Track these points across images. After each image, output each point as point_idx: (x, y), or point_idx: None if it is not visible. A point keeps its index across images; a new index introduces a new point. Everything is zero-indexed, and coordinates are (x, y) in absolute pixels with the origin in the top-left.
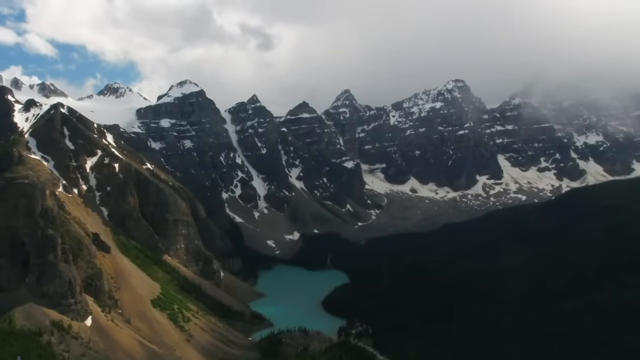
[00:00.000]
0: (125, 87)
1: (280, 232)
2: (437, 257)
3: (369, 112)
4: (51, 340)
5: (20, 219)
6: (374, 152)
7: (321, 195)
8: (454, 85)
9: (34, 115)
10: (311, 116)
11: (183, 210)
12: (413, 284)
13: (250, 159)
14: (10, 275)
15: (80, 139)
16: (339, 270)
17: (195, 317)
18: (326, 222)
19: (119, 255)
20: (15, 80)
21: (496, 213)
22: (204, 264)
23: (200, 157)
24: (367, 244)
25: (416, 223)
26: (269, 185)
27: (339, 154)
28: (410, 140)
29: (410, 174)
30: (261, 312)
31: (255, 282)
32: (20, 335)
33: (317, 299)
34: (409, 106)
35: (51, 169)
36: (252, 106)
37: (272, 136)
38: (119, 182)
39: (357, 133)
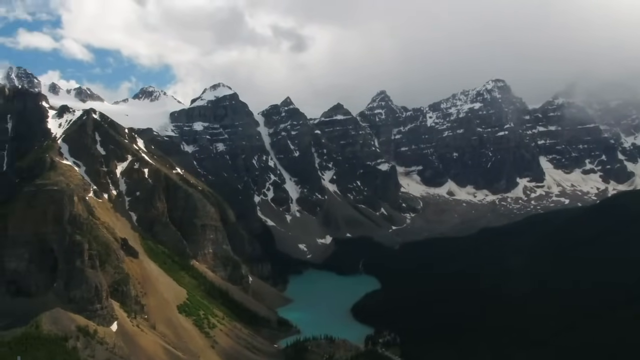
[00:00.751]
0: (159, 91)
1: (312, 236)
2: (472, 263)
3: (405, 113)
4: (77, 345)
5: (49, 225)
6: (410, 154)
7: (354, 198)
8: (493, 85)
9: (67, 121)
10: (346, 118)
11: (211, 215)
12: (446, 291)
13: (283, 161)
14: (38, 281)
15: (111, 145)
16: (370, 276)
17: (221, 323)
18: (359, 225)
19: (147, 260)
20: (53, 85)
21: (537, 217)
22: (232, 269)
23: (232, 160)
24: (401, 249)
25: (452, 227)
26: (302, 189)
27: (374, 156)
28: (448, 141)
29: (448, 176)
30: (288, 318)
31: (285, 287)
32: (46, 340)
33: (347, 306)
34: (447, 107)
35: (82, 175)
36: (286, 108)
37: (305, 138)
38: (148, 187)
39: (392, 135)
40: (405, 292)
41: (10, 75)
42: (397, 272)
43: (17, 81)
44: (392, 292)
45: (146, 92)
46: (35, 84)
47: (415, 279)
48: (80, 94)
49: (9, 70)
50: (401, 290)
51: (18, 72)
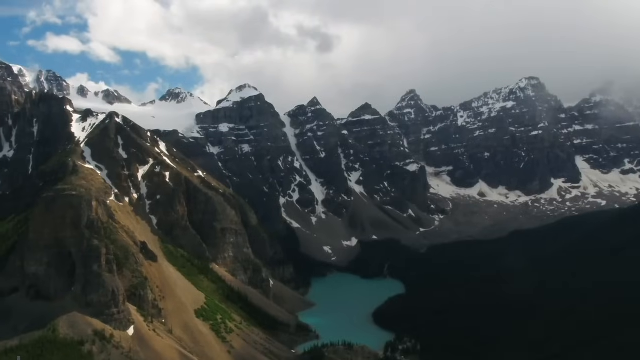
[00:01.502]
0: (186, 93)
1: (337, 238)
2: (502, 268)
3: (435, 113)
4: (92, 349)
5: (68, 230)
6: (440, 154)
7: (381, 200)
8: (527, 83)
9: (90, 125)
10: (374, 118)
11: (232, 219)
12: (472, 297)
13: (309, 162)
14: (57, 285)
15: (133, 148)
16: (395, 280)
17: (239, 327)
18: (386, 228)
19: (166, 264)
20: (81, 87)
21: (571, 219)
22: (253, 272)
23: (258, 162)
24: (428, 252)
25: (483, 230)
26: (328, 190)
27: (402, 156)
28: (479, 141)
29: (479, 177)
30: (309, 322)
31: (307, 290)
32: (62, 344)
33: (369, 311)
34: (478, 106)
35: (104, 178)
36: (312, 109)
37: (331, 139)
38: (168, 191)
39: (422, 134)
40: (430, 297)
41: (40, 79)
42: (422, 277)
43: (47, 84)
44: (416, 297)
45: (173, 94)
46: (64, 86)
47: (440, 284)
48: (108, 97)
49: (39, 73)
50: (425, 295)
51: (47, 75)
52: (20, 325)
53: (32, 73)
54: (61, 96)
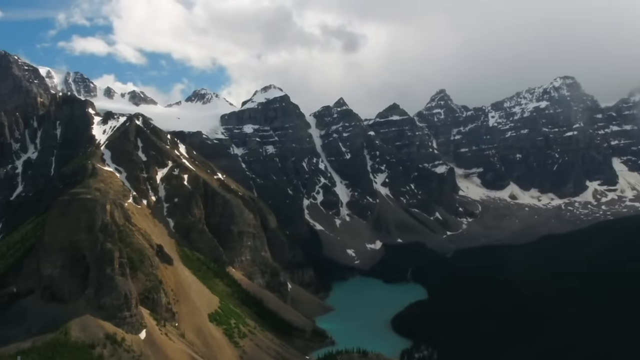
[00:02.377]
0: (211, 93)
1: (361, 241)
2: (530, 273)
3: (465, 113)
4: (103, 352)
5: (82, 233)
6: (470, 156)
7: (408, 202)
8: (562, 83)
9: (111, 128)
10: (402, 118)
11: (249, 222)
12: (497, 304)
13: (334, 164)
14: (71, 287)
15: (152, 150)
16: (418, 284)
17: (252, 332)
18: (411, 231)
19: (181, 267)
20: (108, 89)
21: (605, 224)
22: (270, 276)
23: (282, 163)
24: (454, 256)
25: (512, 233)
26: (353, 192)
27: (431, 157)
28: (511, 142)
29: (510, 179)
30: (326, 328)
31: (327, 294)
32: (73, 347)
33: (388, 316)
34: (510, 106)
35: (123, 181)
36: (338, 109)
37: (357, 140)
38: (186, 194)
39: (452, 135)
40: (452, 303)
41: (68, 81)
42: (446, 282)
43: (74, 86)
44: (437, 303)
45: (198, 95)
46: (91, 88)
47: (464, 290)
48: (134, 98)
49: (67, 75)
50: (448, 301)
51: (75, 77)
52: (33, 327)
53: (60, 75)
54: (87, 98)
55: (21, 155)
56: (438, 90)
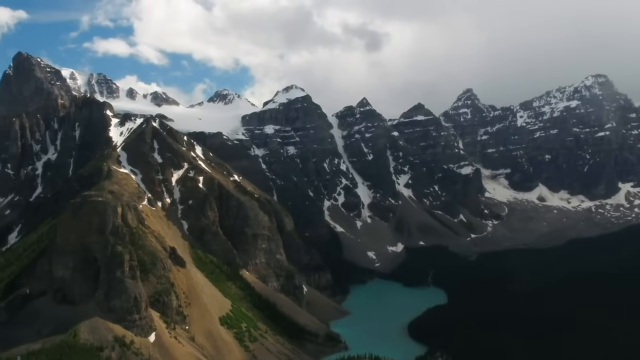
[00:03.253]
0: (233, 94)
1: (382, 243)
2: (554, 279)
3: (493, 113)
4: (111, 355)
5: (93, 235)
6: (498, 156)
7: (431, 204)
8: (593, 81)
9: (128, 129)
10: (427, 118)
11: (264, 224)
12: (519, 311)
13: (356, 165)
14: (82, 290)
15: (168, 152)
16: (439, 288)
17: (263, 336)
18: (434, 233)
19: (194, 270)
20: (130, 90)
21: (637, 227)
22: (285, 279)
23: (303, 164)
24: (478, 260)
25: (539, 237)
26: (374, 193)
27: (456, 158)
28: (540, 143)
29: (539, 180)
30: (340, 332)
31: (345, 297)
32: (81, 349)
33: (404, 321)
34: (540, 105)
35: (138, 182)
36: (361, 110)
37: (380, 141)
38: (200, 196)
39: (479, 135)
40: (472, 309)
41: (91, 82)
42: (468, 286)
43: (97, 87)
44: (457, 309)
45: (220, 95)
46: (114, 89)
47: (486, 295)
48: (156, 99)
49: (90, 76)
50: (468, 306)
51: (98, 78)
52: (44, 329)
53: (83, 76)
54: (110, 99)
55: (41, 157)
56: (465, 90)
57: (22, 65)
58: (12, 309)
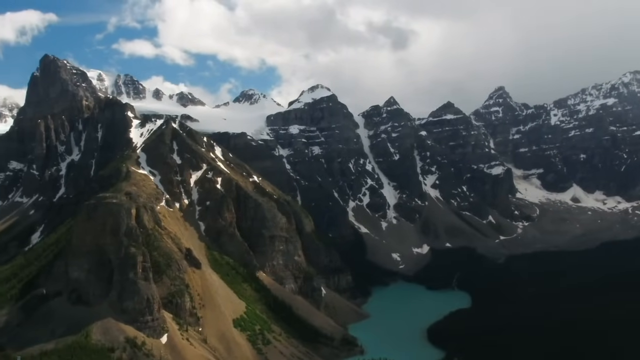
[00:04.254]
0: (259, 94)
1: (407, 245)
2: (586, 283)
3: (525, 111)
4: (122, 356)
5: (107, 237)
6: (530, 156)
7: (458, 205)
8: (632, 78)
9: (148, 131)
10: (456, 117)
11: (282, 226)
12: (545, 316)
13: (382, 165)
14: (96, 291)
15: (187, 153)
16: (463, 292)
17: (277, 339)
18: (461, 234)
19: (209, 271)
20: (156, 91)
21: None
22: (304, 281)
23: (328, 164)
24: (506, 262)
25: (572, 239)
26: (400, 194)
27: (487, 158)
28: (575, 142)
29: (573, 180)
30: (357, 336)
31: (365, 300)
32: (93, 350)
33: (424, 325)
34: (575, 103)
35: (157, 184)
36: (388, 109)
37: (407, 141)
38: (217, 197)
39: (510, 134)
40: (496, 313)
41: (118, 83)
42: (494, 290)
43: (124, 88)
44: (480, 313)
45: (246, 95)
46: (141, 90)
47: (512, 299)
48: (182, 99)
49: (117, 78)
50: (492, 311)
51: (125, 79)
52: (58, 329)
53: (110, 77)
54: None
55: (66, 158)
56: (497, 88)
57: (49, 67)
58: (28, 309)
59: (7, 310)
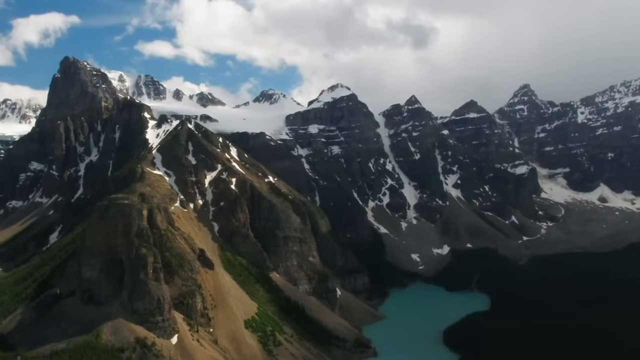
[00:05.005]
0: (279, 93)
1: (427, 246)
2: (609, 286)
3: (551, 109)
4: (131, 356)
5: (119, 237)
6: (556, 155)
7: (480, 205)
8: None
9: (164, 131)
10: (479, 116)
11: (296, 226)
12: (567, 321)
13: (403, 165)
14: (107, 291)
15: (202, 154)
16: (482, 293)
17: (288, 341)
18: (482, 235)
19: (222, 272)
20: (177, 91)
21: None
22: (318, 282)
23: (347, 164)
24: (528, 264)
25: (597, 240)
26: (421, 194)
27: (511, 157)
28: (602, 140)
29: (600, 180)
30: (372, 337)
31: (382, 301)
32: (102, 350)
33: (440, 328)
34: (602, 101)
35: (171, 184)
36: (409, 108)
37: (428, 140)
38: (231, 198)
39: (536, 133)
40: (515, 316)
41: (139, 84)
42: (513, 292)
43: (145, 89)
44: (498, 316)
45: (266, 95)
46: (161, 90)
47: (532, 302)
48: (202, 99)
49: (138, 78)
50: (511, 314)
51: (146, 80)
52: (69, 329)
53: (131, 78)
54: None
55: (85, 159)
56: (522, 85)
57: (69, 69)
58: (42, 309)
59: (22, 310)
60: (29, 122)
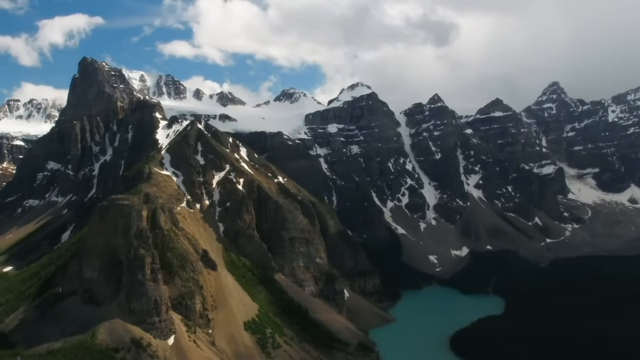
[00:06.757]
0: (299, 92)
1: (446, 247)
2: (633, 291)
3: (581, 107)
4: (126, 357)
5: (118, 238)
6: (585, 154)
7: (503, 206)
8: None
9: (174, 132)
10: (505, 114)
11: (303, 227)
12: (583, 328)
13: (423, 164)
14: (106, 291)
15: (211, 154)
16: (499, 297)
17: (288, 343)
18: (503, 237)
19: (225, 273)
20: (197, 91)
21: None
22: (325, 283)
23: (366, 164)
24: (549, 267)
25: (625, 243)
26: (441, 194)
27: (537, 157)
28: (634, 139)
29: (631, 180)
30: (377, 341)
31: (394, 304)
32: (97, 350)
33: (450, 332)
34: (635, 99)
35: (179, 184)
36: (431, 107)
37: (449, 139)
38: (237, 198)
39: (564, 132)
40: (528, 321)
41: (160, 83)
42: (530, 295)
43: (165, 88)
44: (510, 320)
45: (287, 94)
46: (181, 90)
47: (548, 307)
48: (222, 99)
49: (159, 78)
50: (524, 318)
51: (166, 79)
52: (67, 328)
53: (152, 78)
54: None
55: (100, 158)
56: (550, 83)
57: (87, 69)
58: (44, 308)
59: (24, 308)
60: (53, 122)
